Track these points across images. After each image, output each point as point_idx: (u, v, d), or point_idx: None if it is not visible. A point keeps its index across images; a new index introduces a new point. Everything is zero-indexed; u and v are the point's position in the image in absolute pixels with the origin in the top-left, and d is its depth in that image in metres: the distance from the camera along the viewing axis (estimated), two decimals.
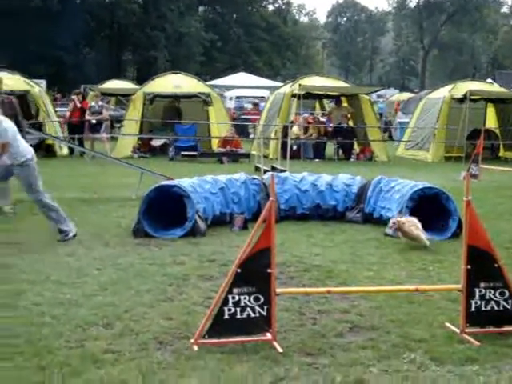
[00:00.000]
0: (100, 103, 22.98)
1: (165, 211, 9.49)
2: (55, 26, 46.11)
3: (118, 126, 25.46)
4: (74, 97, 23.10)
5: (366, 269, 7.83)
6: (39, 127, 20.32)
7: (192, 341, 5.29)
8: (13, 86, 21.23)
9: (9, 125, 9.03)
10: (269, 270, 5.30)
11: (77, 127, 22.00)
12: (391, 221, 9.27)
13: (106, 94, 28.82)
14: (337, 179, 11.18)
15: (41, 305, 6.28)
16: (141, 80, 37.37)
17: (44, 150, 21.28)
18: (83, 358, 5.01)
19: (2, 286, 6.82)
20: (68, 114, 23.22)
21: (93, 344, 5.31)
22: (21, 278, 7.15)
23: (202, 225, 9.53)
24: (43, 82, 32.31)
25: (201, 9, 70.51)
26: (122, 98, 30.66)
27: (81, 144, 21.09)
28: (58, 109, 26.35)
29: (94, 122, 21.86)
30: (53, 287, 6.87)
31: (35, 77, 29.57)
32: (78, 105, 22.32)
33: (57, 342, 5.33)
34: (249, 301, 5.30)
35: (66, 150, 21.91)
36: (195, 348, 5.22)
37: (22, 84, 21.91)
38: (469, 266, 5.57)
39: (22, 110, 20.92)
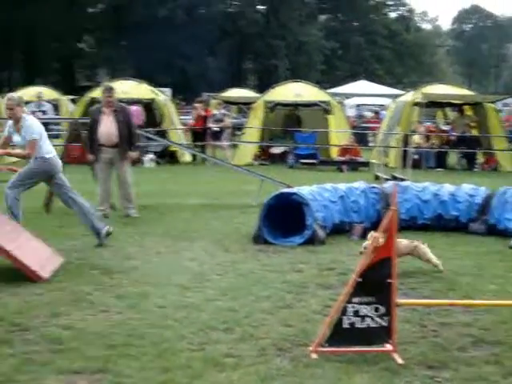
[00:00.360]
0: (222, 111, 23.45)
1: (284, 218, 9.55)
2: (181, 35, 47.38)
3: (239, 133, 25.85)
4: (197, 105, 23.65)
5: (490, 282, 7.61)
6: (163, 134, 20.92)
7: (311, 348, 5.30)
8: (139, 95, 22.07)
9: (34, 122, 8.97)
10: (389, 280, 5.25)
11: (200, 134, 22.53)
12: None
13: (227, 102, 29.31)
14: (460, 189, 10.92)
15: (164, 307, 6.47)
16: (261, 88, 37.79)
17: (168, 156, 21.97)
18: (205, 361, 5.12)
19: (129, 288, 7.08)
20: (191, 121, 23.79)
21: (214, 348, 5.42)
22: (146, 281, 7.39)
23: (320, 233, 9.54)
24: (168, 91, 33.21)
25: (322, 17, 70.57)
26: (243, 106, 31.10)
27: (203, 151, 21.57)
28: (181, 117, 27.06)
29: (216, 129, 22.33)
30: (175, 291, 7.06)
31: (161, 85, 30.48)
32: (202, 113, 22.83)
33: (179, 345, 5.47)
34: (369, 311, 5.26)
35: (188, 157, 22.44)
36: (314, 356, 5.23)
37: (148, 92, 22.65)
38: None
39: (148, 117, 21.79)
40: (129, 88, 22.11)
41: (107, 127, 11.41)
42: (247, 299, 6.76)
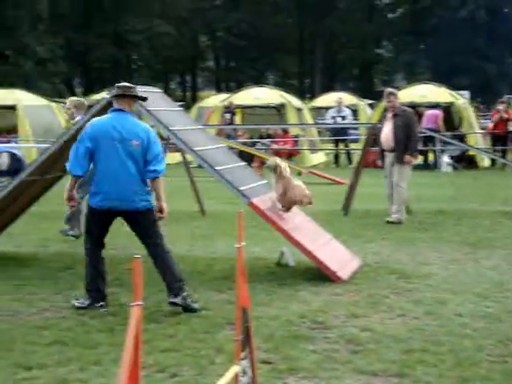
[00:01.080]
0: None
1: None
2: (482, 36, 46.07)
3: None
4: (500, 107, 22.71)
5: None
6: (461, 138, 20.49)
7: None
8: (437, 98, 21.95)
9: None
10: None
11: (500, 138, 21.68)
12: None
13: None
14: None
15: (462, 316, 6.33)
16: None
17: (466, 161, 21.48)
18: (506, 374, 4.93)
19: (426, 294, 7.05)
20: (491, 125, 22.95)
21: None
22: (443, 288, 7.30)
23: None
24: (466, 93, 32.43)
25: None
26: None
27: (503, 156, 20.73)
28: (481, 120, 26.30)
29: None
30: (474, 299, 6.88)
31: (459, 88, 29.87)
32: (504, 115, 21.88)
33: (478, 355, 5.31)
34: None
35: (487, 162, 21.71)
36: None
37: (447, 96, 22.41)
38: None
39: (446, 121, 21.47)
40: (427, 92, 22.06)
41: (386, 132, 11.46)
42: None
